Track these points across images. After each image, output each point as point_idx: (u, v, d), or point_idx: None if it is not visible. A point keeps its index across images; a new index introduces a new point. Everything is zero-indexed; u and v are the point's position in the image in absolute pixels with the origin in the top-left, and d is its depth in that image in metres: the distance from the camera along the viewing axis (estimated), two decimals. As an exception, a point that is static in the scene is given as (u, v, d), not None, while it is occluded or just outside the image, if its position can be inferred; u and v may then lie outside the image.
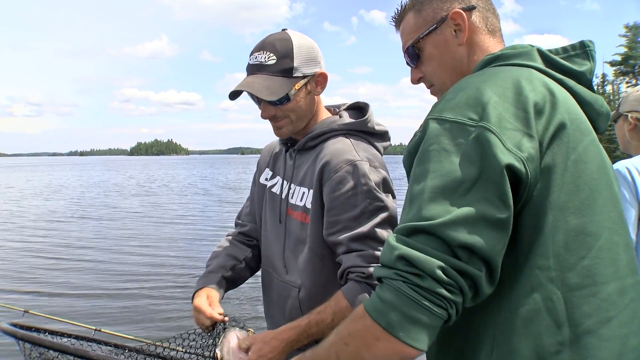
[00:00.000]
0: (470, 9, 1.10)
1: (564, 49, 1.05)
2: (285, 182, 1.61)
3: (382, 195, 1.43)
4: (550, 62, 1.01)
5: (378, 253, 1.38)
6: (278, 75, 1.43)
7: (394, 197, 1.48)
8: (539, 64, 0.99)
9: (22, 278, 7.53)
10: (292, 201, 1.57)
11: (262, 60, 1.44)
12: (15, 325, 1.59)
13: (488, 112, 0.84)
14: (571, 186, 0.85)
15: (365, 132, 1.56)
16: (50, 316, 3.99)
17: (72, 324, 3.82)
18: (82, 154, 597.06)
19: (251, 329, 1.50)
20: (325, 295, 1.43)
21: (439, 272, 0.77)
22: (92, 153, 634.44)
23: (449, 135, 0.85)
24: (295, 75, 1.45)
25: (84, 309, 6.15)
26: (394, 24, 1.23)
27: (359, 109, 1.66)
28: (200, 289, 1.60)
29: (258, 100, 1.48)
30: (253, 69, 1.46)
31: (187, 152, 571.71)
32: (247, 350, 1.39)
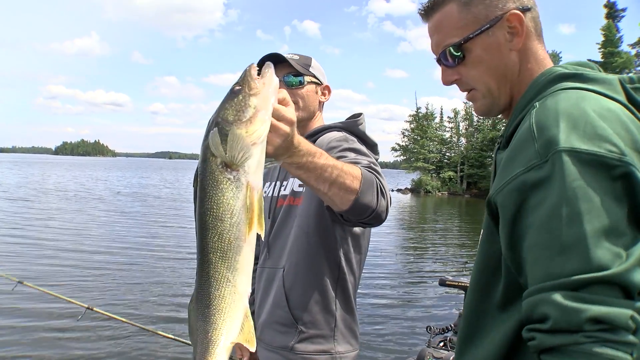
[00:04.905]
0: (525, 10, 0.98)
1: (631, 80, 0.95)
2: (277, 182, 1.75)
3: (367, 152, 1.59)
4: (630, 98, 0.92)
5: (365, 162, 1.41)
6: (299, 65, 1.72)
7: None
8: (623, 98, 0.90)
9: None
10: (282, 193, 1.70)
11: (288, 56, 1.70)
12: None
13: (621, 146, 0.78)
14: None
15: (359, 137, 1.70)
16: (43, 290, 3.83)
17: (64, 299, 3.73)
18: (1, 150, 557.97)
19: None
20: (309, 274, 1.53)
21: (631, 322, 0.72)
22: (14, 150, 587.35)
23: (591, 171, 0.76)
24: (311, 71, 1.75)
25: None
26: (423, 11, 1.05)
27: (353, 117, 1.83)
28: None
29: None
30: (274, 58, 1.58)
31: (114, 154, 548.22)
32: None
